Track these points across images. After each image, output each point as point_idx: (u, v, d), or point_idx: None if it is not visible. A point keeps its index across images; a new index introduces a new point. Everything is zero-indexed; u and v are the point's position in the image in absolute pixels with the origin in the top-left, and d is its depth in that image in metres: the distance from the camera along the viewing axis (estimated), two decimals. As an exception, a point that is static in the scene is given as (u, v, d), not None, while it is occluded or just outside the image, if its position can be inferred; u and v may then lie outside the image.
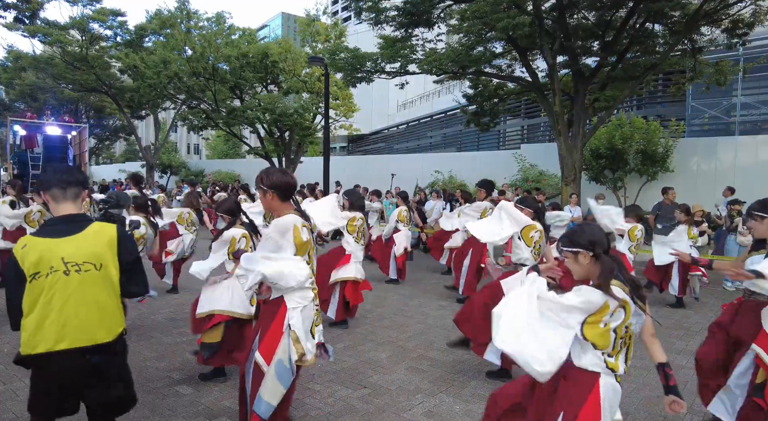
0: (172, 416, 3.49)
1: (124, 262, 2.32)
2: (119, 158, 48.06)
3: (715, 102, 15.00)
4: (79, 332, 2.18)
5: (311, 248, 3.07)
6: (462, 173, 18.34)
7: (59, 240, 2.20)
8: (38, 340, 2.14)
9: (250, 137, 31.45)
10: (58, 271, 2.16)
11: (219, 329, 3.91)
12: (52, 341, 2.14)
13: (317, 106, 19.84)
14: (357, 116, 23.18)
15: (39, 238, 2.23)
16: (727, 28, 10.74)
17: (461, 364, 4.63)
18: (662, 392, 2.32)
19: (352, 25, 33.43)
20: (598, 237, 2.26)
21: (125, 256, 2.33)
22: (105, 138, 30.61)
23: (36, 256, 2.15)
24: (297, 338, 2.93)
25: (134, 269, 2.38)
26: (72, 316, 2.17)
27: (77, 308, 2.18)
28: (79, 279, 2.19)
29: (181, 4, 21.62)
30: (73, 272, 2.18)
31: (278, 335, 2.93)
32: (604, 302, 2.08)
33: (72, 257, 2.18)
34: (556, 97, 10.95)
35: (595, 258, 2.23)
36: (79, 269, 2.19)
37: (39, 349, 2.15)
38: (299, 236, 2.93)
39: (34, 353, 2.16)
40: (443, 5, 11.70)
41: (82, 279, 2.19)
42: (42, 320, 2.15)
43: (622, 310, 2.11)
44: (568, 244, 2.30)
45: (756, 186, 12.11)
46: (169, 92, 20.67)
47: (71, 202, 2.33)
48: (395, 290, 7.86)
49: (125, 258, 2.32)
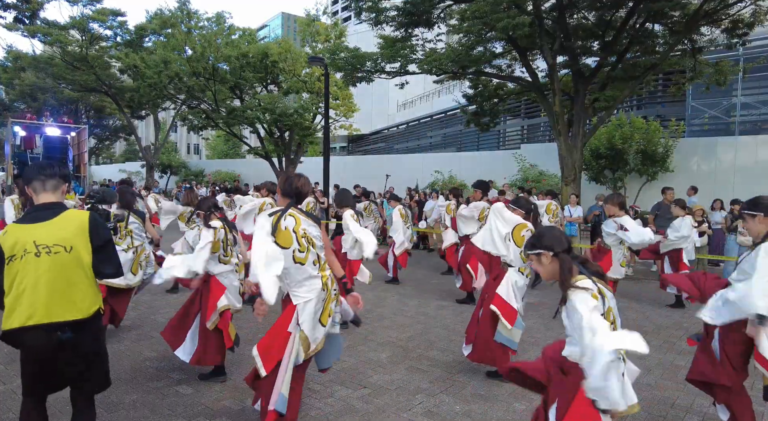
0: (172, 416, 3.49)
1: (95, 245, 2.47)
2: (119, 158, 48.07)
3: (715, 102, 15.00)
4: (49, 309, 2.34)
5: (308, 238, 3.03)
6: (462, 173, 18.34)
7: (34, 225, 2.40)
8: (14, 316, 2.33)
9: (250, 137, 31.44)
10: (30, 253, 2.33)
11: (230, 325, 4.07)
12: (24, 316, 2.31)
13: (317, 106, 19.83)
14: (357, 116, 23.18)
15: (18, 224, 2.44)
16: (727, 28, 10.74)
17: (461, 364, 4.63)
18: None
19: (352, 25, 33.44)
20: (556, 238, 2.40)
21: (96, 240, 2.48)
22: (105, 138, 30.60)
23: (12, 240, 2.35)
24: (305, 337, 2.98)
25: (105, 251, 2.53)
26: (42, 294, 2.33)
27: (47, 287, 2.34)
28: (50, 260, 2.35)
29: (181, 5, 21.61)
30: (43, 254, 2.34)
31: (282, 335, 2.95)
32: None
33: (43, 240, 2.36)
34: (556, 97, 10.95)
35: (555, 257, 2.36)
36: (49, 251, 2.35)
37: (13, 324, 2.32)
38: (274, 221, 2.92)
39: (8, 328, 2.34)
40: (443, 5, 11.71)
41: (53, 260, 2.35)
42: (17, 298, 2.33)
43: (601, 298, 2.21)
44: (530, 247, 2.45)
45: (756, 186, 12.11)
46: (169, 92, 20.66)
47: (51, 193, 2.51)
48: (395, 290, 7.86)
49: (96, 242, 2.48)
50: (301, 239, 2.99)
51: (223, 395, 3.84)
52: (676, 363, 4.79)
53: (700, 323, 3.36)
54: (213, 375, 4.11)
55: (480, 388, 4.08)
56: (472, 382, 4.21)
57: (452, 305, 6.93)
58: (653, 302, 7.35)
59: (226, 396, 3.82)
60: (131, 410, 3.57)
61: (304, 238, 3.01)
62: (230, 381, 4.11)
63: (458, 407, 3.72)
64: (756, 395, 4.02)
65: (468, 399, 3.87)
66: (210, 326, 3.97)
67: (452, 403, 3.80)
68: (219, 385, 4.03)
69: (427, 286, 8.20)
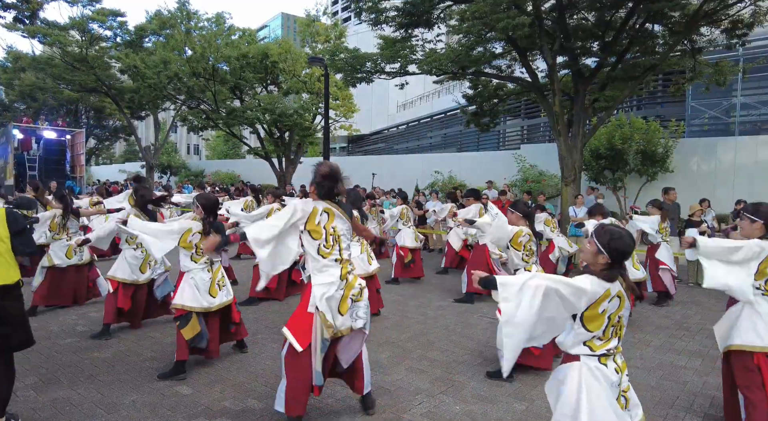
0: (172, 417, 3.49)
1: (12, 230, 3.25)
2: (119, 159, 48.07)
3: (715, 102, 15.00)
4: None
5: (336, 236, 3.30)
6: (462, 174, 18.34)
7: None
8: None
9: (250, 138, 31.41)
10: None
11: (194, 322, 4.20)
12: None
13: (317, 106, 19.81)
14: (357, 116, 23.15)
15: None
16: (726, 28, 10.73)
17: (461, 364, 4.63)
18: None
19: (352, 26, 33.45)
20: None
21: (12, 226, 3.26)
22: (105, 139, 30.55)
23: None
24: (325, 318, 3.15)
25: (21, 236, 3.31)
26: None
27: None
28: None
29: (181, 5, 21.59)
30: None
31: (304, 315, 3.19)
32: (606, 290, 2.32)
33: None
34: (556, 98, 10.94)
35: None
36: None
37: None
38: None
39: None
40: (443, 5, 11.69)
41: None
42: None
43: (617, 299, 2.36)
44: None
45: (756, 186, 12.12)
46: (169, 93, 20.63)
47: None
48: (395, 290, 7.86)
49: (12, 228, 3.26)
50: (329, 237, 3.26)
51: (223, 396, 3.84)
52: (676, 363, 4.79)
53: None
54: (173, 372, 4.18)
55: (480, 388, 4.08)
56: (472, 382, 4.21)
57: (452, 305, 6.93)
58: (653, 302, 7.34)
59: (226, 396, 3.82)
60: (131, 410, 3.57)
61: (333, 236, 3.27)
62: (230, 381, 4.11)
63: (458, 408, 3.72)
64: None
65: (468, 399, 3.87)
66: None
67: (452, 403, 3.80)
68: (219, 385, 4.04)
69: (427, 286, 8.20)
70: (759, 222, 3.19)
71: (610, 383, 2.33)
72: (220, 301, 4.40)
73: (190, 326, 4.17)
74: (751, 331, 3.12)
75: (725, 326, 3.35)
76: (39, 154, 18.23)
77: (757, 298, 3.14)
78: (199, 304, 4.25)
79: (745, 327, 3.16)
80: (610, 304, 2.33)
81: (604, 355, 2.36)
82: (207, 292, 4.32)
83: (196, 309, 4.23)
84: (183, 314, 4.20)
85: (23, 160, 17.54)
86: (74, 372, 4.26)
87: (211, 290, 4.35)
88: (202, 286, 4.30)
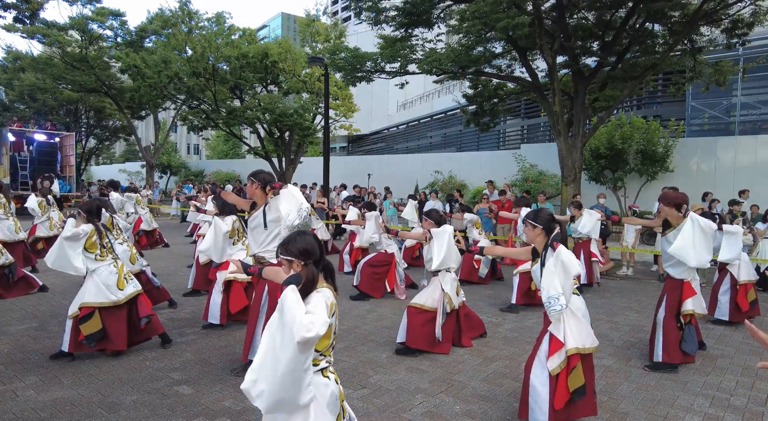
0: (172, 416, 3.49)
1: None
2: (119, 159, 48.07)
3: (715, 102, 15.01)
4: None
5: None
6: (462, 173, 18.36)
7: None
8: None
9: (250, 137, 31.44)
10: None
11: (96, 319, 4.41)
12: None
13: (317, 106, 19.82)
14: (357, 116, 23.15)
15: None
16: (726, 28, 10.74)
17: (461, 364, 4.63)
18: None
19: (352, 25, 33.44)
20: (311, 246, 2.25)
21: None
22: (105, 138, 30.50)
23: None
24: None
25: None
26: None
27: None
28: None
29: (182, 4, 21.57)
30: None
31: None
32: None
33: None
34: (556, 97, 10.94)
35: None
36: None
37: None
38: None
39: None
40: (443, 5, 11.70)
41: None
42: None
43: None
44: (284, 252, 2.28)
45: (756, 186, 12.12)
46: (170, 92, 20.61)
47: None
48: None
49: None
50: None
51: (223, 396, 3.84)
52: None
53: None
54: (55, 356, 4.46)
55: (480, 388, 4.08)
56: (472, 382, 4.20)
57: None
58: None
59: (226, 396, 3.82)
60: (131, 410, 3.56)
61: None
62: (230, 381, 4.10)
63: (458, 407, 3.72)
64: (757, 396, 4.02)
65: (468, 399, 3.87)
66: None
67: (452, 403, 3.80)
68: (219, 385, 4.03)
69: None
70: (539, 228, 3.33)
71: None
72: (128, 292, 4.60)
73: (92, 322, 4.38)
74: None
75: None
76: (32, 155, 19.28)
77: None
78: (107, 298, 4.45)
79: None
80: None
81: None
82: (115, 285, 4.52)
83: (105, 304, 4.43)
84: (87, 313, 4.39)
85: (15, 161, 18.61)
86: (74, 372, 4.26)
87: (119, 283, 4.55)
88: (110, 280, 4.50)
